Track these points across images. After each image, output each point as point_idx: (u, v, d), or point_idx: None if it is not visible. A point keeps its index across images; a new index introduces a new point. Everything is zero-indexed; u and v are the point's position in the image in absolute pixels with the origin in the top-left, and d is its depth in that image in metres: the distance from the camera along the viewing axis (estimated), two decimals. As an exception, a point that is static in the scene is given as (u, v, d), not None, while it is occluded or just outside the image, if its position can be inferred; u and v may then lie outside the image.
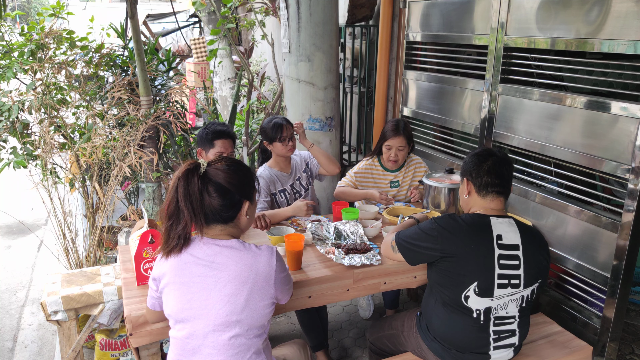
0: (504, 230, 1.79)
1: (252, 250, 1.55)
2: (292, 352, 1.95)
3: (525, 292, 1.81)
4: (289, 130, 2.71)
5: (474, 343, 1.83)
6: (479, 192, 1.86)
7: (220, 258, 1.51)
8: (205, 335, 1.50)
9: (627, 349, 2.78)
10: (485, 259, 1.75)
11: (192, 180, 1.48)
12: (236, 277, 1.49)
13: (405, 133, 2.84)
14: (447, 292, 1.81)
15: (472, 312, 1.78)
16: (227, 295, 1.48)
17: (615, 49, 2.10)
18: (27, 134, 3.41)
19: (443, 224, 1.80)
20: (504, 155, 1.90)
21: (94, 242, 3.28)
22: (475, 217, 1.82)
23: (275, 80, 6.67)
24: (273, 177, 2.80)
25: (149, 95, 3.70)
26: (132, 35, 3.58)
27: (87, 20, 3.82)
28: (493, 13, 2.70)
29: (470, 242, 1.76)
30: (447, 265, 1.78)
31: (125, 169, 3.16)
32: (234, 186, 1.53)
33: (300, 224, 2.58)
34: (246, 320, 1.51)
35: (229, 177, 1.52)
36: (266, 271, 1.53)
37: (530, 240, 1.81)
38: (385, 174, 2.99)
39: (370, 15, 4.43)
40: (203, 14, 6.82)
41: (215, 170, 1.52)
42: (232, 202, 1.54)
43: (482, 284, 1.75)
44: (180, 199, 1.47)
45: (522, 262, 1.78)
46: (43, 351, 3.03)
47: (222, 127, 2.60)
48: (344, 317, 3.19)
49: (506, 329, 1.83)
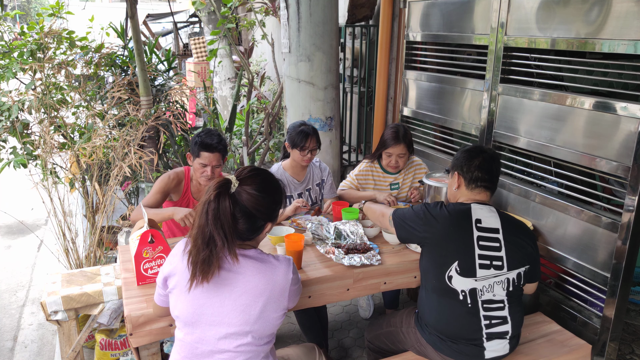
0: (484, 215, 1.90)
1: (271, 261, 1.51)
2: (295, 354, 1.94)
3: (510, 274, 1.87)
4: (312, 143, 2.68)
5: (465, 329, 1.85)
6: (467, 185, 1.98)
7: (237, 267, 1.47)
8: (217, 341, 1.48)
9: (627, 349, 2.78)
10: (463, 240, 1.86)
11: (223, 203, 1.40)
12: (253, 289, 1.46)
13: (406, 140, 2.81)
14: (433, 277, 1.90)
15: (458, 294, 1.84)
16: (242, 305, 1.46)
17: (615, 49, 2.09)
18: (27, 134, 3.41)
19: (430, 209, 1.94)
20: (493, 153, 2.02)
21: (94, 242, 3.28)
22: (457, 205, 1.95)
23: (275, 80, 6.67)
24: (284, 181, 2.77)
25: (149, 95, 3.70)
26: (132, 35, 3.58)
27: (87, 20, 3.82)
28: (493, 13, 2.70)
29: (450, 226, 1.89)
30: (430, 248, 1.91)
31: (125, 169, 3.16)
32: (261, 213, 1.48)
33: (300, 224, 2.58)
34: (258, 331, 1.49)
35: (259, 204, 1.46)
36: (282, 284, 1.50)
37: (510, 226, 1.91)
38: (385, 176, 2.99)
39: (370, 15, 4.44)
40: (203, 14, 6.82)
41: (246, 194, 1.45)
42: (256, 227, 1.50)
43: (462, 264, 1.84)
44: (212, 223, 1.39)
45: (502, 244, 1.87)
46: (43, 351, 3.03)
47: (211, 139, 2.47)
48: (344, 317, 3.19)
49: (497, 315, 1.86)
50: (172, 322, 1.84)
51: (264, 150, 4.81)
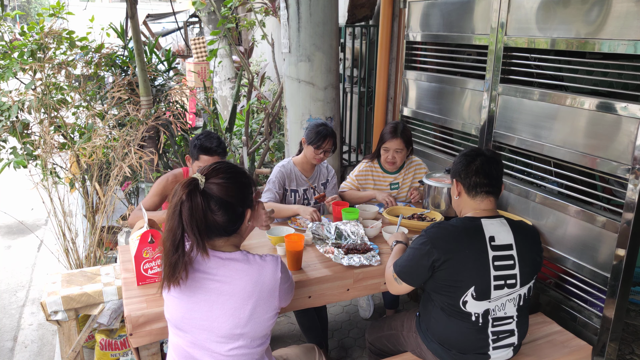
0: (496, 231, 1.78)
1: (257, 262, 1.50)
2: (295, 354, 1.93)
3: (522, 290, 1.81)
4: (328, 144, 2.69)
5: (473, 344, 1.83)
6: (468, 192, 1.86)
7: (223, 271, 1.47)
8: (208, 346, 1.48)
9: (627, 349, 2.78)
10: (480, 262, 1.75)
11: (195, 200, 1.40)
12: (240, 292, 1.45)
13: (403, 136, 2.84)
14: (445, 299, 1.81)
15: (471, 315, 1.79)
16: (231, 309, 1.45)
17: (615, 49, 2.09)
18: (27, 134, 3.41)
19: (433, 234, 1.79)
20: (492, 154, 1.90)
21: (94, 242, 3.28)
22: (465, 221, 1.81)
23: (275, 80, 6.67)
24: (291, 174, 2.80)
25: (149, 96, 3.70)
26: (132, 35, 3.58)
27: (87, 20, 3.82)
28: (493, 13, 2.70)
29: (464, 246, 1.75)
30: (443, 273, 1.77)
31: (125, 169, 3.16)
32: (235, 198, 1.47)
33: (300, 224, 2.58)
34: (250, 333, 1.48)
35: (230, 190, 1.45)
36: (271, 284, 1.48)
37: (523, 238, 1.82)
38: (385, 176, 2.99)
39: (370, 15, 4.43)
40: (203, 14, 6.82)
41: (214, 185, 1.44)
42: (235, 215, 1.48)
43: (478, 288, 1.75)
44: (186, 223, 1.39)
45: (516, 261, 1.78)
46: (43, 351, 3.03)
47: (210, 143, 2.47)
48: (344, 317, 3.19)
49: (504, 329, 1.83)
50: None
51: (264, 151, 4.81)
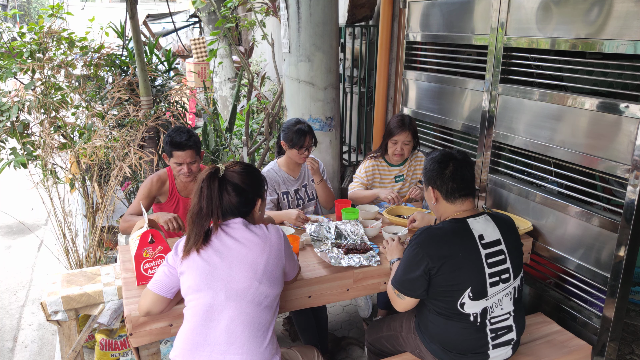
0: (483, 228, 1.82)
1: (264, 229, 1.79)
2: (293, 354, 1.95)
3: (516, 282, 1.85)
4: (309, 141, 2.69)
5: (472, 344, 1.83)
6: (446, 198, 1.88)
7: (239, 233, 1.73)
8: (227, 301, 1.65)
9: (627, 349, 2.78)
10: (474, 263, 1.77)
11: (213, 183, 1.72)
12: (255, 246, 1.71)
13: (411, 128, 2.91)
14: (442, 304, 1.81)
15: (469, 316, 1.80)
16: (250, 262, 1.69)
17: (615, 49, 2.09)
18: (27, 134, 3.41)
19: (423, 241, 1.81)
20: (463, 157, 1.92)
21: (94, 242, 3.28)
22: (452, 223, 1.84)
23: (275, 80, 6.66)
24: (278, 178, 2.78)
25: (149, 96, 3.70)
26: (132, 35, 3.58)
27: (87, 20, 3.82)
28: (493, 13, 2.70)
29: (456, 249, 1.77)
30: (439, 279, 1.78)
31: (125, 169, 3.16)
32: (248, 185, 1.77)
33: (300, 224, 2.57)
34: (264, 285, 1.68)
35: (243, 178, 1.77)
36: (278, 242, 1.76)
37: (507, 230, 1.87)
38: (390, 169, 3.03)
39: (370, 15, 4.43)
40: (203, 14, 6.82)
41: (232, 173, 1.76)
42: (247, 199, 1.78)
43: (475, 288, 1.77)
44: (204, 200, 1.70)
45: (507, 254, 1.82)
46: (43, 351, 3.03)
47: (180, 137, 2.45)
48: (344, 317, 3.19)
49: (502, 326, 1.84)
50: (172, 322, 1.84)
51: (264, 151, 4.81)
